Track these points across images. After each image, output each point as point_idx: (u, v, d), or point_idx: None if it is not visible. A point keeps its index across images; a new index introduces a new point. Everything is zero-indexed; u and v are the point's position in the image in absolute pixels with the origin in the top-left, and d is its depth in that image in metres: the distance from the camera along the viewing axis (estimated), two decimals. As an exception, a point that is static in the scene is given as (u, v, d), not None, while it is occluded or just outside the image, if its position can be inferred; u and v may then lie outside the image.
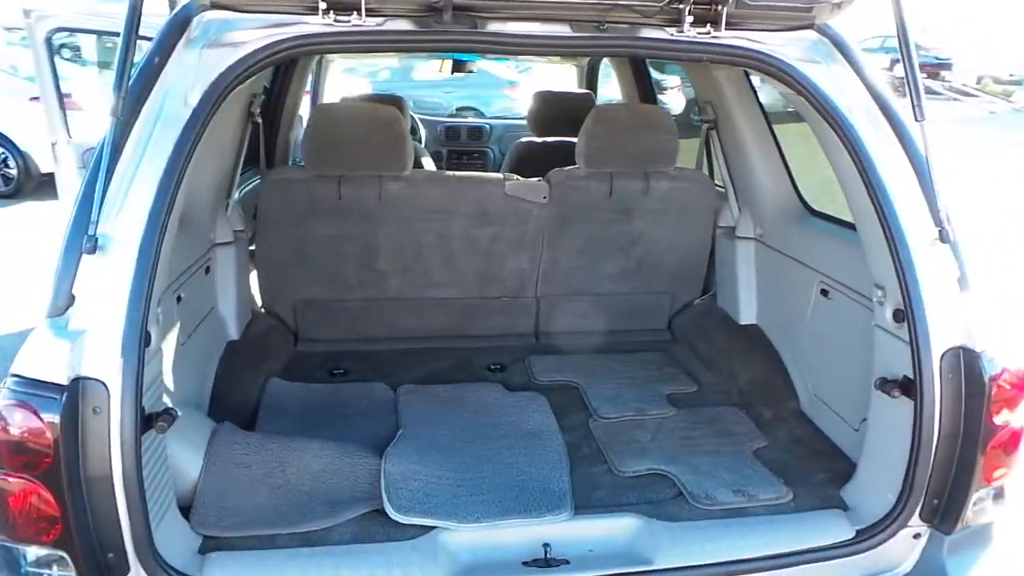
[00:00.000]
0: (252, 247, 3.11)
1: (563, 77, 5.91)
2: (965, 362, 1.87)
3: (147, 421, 1.68)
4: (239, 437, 2.19)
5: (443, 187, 3.02)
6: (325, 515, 2.00)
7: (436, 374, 3.00)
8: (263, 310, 3.21)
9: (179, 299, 2.33)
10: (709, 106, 3.14)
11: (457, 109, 6.54)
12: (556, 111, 4.39)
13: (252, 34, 1.82)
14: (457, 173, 3.08)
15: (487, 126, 5.89)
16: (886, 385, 1.99)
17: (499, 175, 3.08)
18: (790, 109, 2.39)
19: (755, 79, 2.91)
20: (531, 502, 2.08)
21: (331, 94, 5.47)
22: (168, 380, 2.16)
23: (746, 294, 3.10)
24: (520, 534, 2.00)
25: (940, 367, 1.86)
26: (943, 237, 1.91)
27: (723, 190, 3.26)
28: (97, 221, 1.61)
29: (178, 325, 2.30)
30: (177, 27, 1.83)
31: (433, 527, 1.97)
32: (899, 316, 1.97)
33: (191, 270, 2.49)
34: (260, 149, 3.22)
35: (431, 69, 6.96)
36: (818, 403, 2.61)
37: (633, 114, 3.03)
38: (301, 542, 1.92)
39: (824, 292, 2.57)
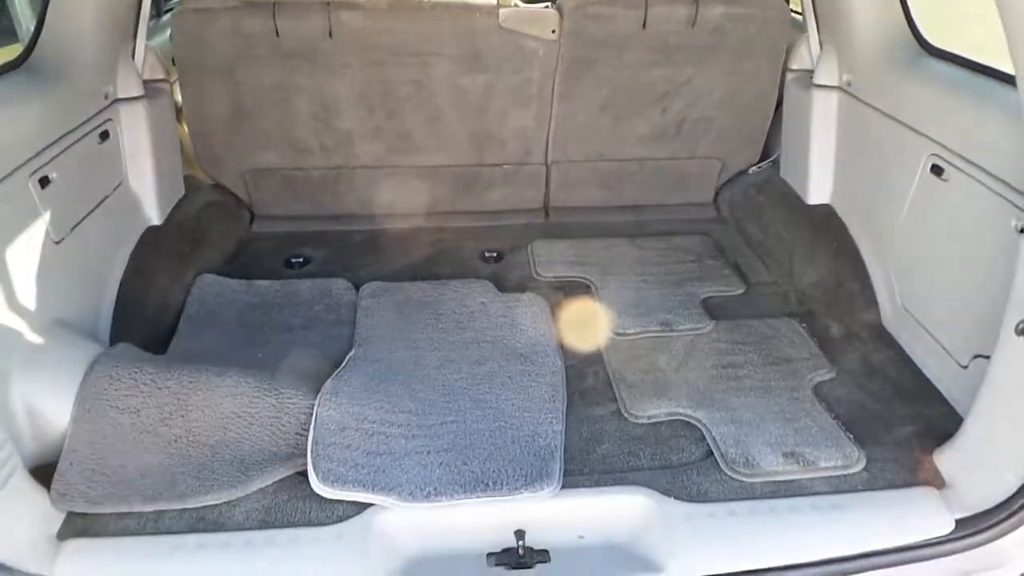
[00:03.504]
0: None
1: None
2: None
3: None
4: (127, 369, 1.66)
5: (416, 19, 2.26)
6: (230, 482, 1.51)
7: (415, 265, 2.41)
8: (211, 183, 2.61)
9: (44, 182, 1.74)
10: None
11: None
12: None
13: None
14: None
15: None
16: None
17: (491, 1, 2.28)
18: None
19: None
20: (506, 467, 1.55)
21: None
22: (24, 298, 1.62)
23: (820, 164, 2.35)
24: (487, 515, 1.49)
25: None
26: None
27: (800, 18, 2.42)
28: None
29: (41, 219, 1.72)
30: None
31: (369, 504, 1.47)
32: None
33: (69, 139, 1.87)
34: None
35: None
36: (907, 319, 1.95)
37: None
38: (192, 524, 1.45)
39: (936, 170, 1.83)
